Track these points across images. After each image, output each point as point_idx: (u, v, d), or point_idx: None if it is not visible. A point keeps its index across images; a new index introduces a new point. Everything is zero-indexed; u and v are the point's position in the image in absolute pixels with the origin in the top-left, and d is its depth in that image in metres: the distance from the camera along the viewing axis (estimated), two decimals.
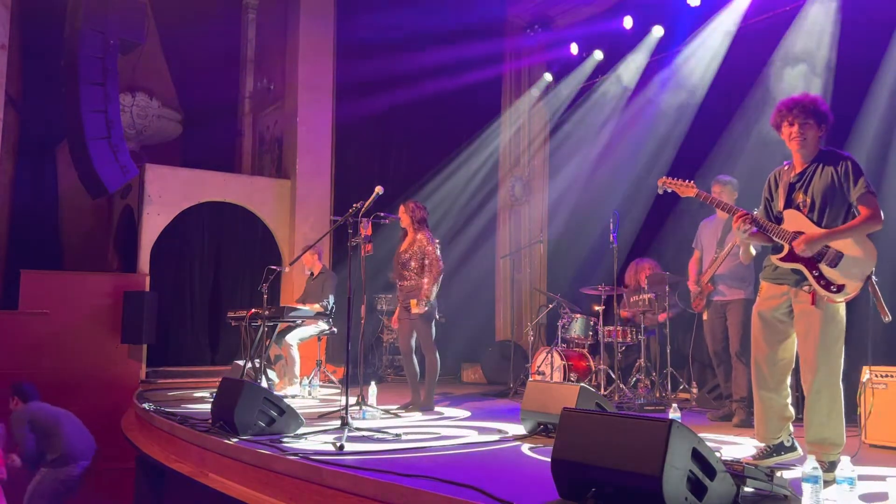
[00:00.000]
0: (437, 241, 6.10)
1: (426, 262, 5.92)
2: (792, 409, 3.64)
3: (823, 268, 3.41)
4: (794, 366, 3.63)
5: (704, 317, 5.76)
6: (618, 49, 8.85)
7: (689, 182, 3.88)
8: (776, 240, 3.57)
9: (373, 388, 6.19)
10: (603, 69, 9.17)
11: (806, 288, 3.44)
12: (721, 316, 5.61)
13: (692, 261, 5.98)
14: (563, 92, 9.73)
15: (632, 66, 8.75)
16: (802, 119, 3.49)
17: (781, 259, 3.53)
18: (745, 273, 5.52)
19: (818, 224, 3.46)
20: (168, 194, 8.89)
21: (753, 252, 3.99)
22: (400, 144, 10.17)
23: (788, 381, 3.62)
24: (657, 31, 8.36)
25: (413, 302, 5.89)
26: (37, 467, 6.35)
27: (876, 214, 3.37)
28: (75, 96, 7.87)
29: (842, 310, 3.42)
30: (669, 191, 3.92)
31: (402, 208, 6.15)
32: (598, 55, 9.15)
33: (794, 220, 3.53)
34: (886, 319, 3.42)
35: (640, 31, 8.50)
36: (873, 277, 3.41)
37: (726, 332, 5.57)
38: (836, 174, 3.45)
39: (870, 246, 3.41)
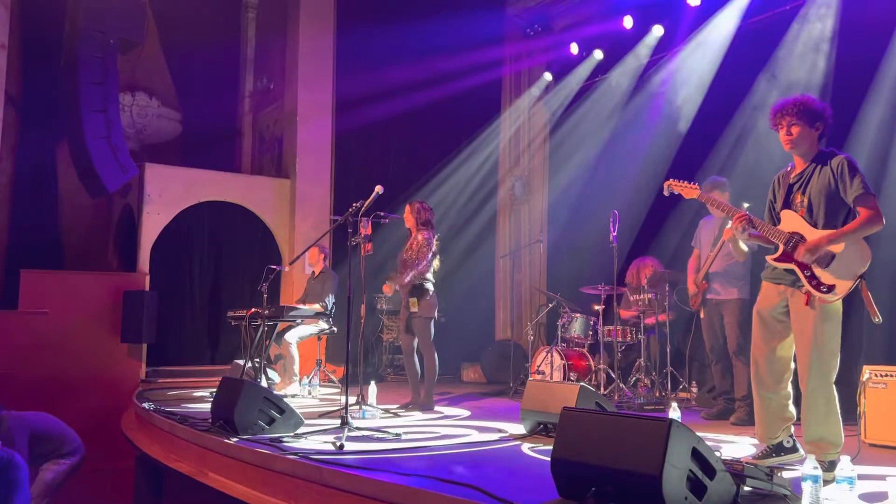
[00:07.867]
0: (437, 237, 6.09)
1: (416, 258, 5.94)
2: (793, 410, 3.64)
3: (815, 268, 3.41)
4: (794, 366, 3.64)
5: (702, 315, 5.83)
6: (618, 49, 8.84)
7: (693, 184, 3.99)
8: (772, 240, 3.59)
9: (373, 388, 6.20)
10: (603, 69, 9.17)
11: (802, 288, 3.44)
12: (717, 314, 5.68)
13: (691, 259, 6.06)
14: (563, 92, 9.72)
15: (632, 65, 8.75)
16: (789, 120, 3.51)
17: (775, 259, 3.56)
18: (740, 272, 5.57)
19: (815, 225, 3.46)
20: (168, 194, 8.89)
21: (745, 248, 4.04)
22: (400, 144, 10.16)
23: (788, 380, 3.62)
24: (657, 31, 8.36)
25: (413, 301, 5.91)
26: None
27: (876, 216, 3.32)
28: (75, 96, 7.87)
29: (838, 310, 3.40)
30: (676, 192, 3.99)
31: (407, 208, 6.15)
32: (598, 55, 9.14)
33: (790, 221, 3.55)
34: (877, 321, 3.41)
35: (640, 31, 8.50)
36: (864, 278, 3.38)
37: (723, 329, 5.63)
38: (833, 174, 3.44)
39: (863, 247, 3.38)
